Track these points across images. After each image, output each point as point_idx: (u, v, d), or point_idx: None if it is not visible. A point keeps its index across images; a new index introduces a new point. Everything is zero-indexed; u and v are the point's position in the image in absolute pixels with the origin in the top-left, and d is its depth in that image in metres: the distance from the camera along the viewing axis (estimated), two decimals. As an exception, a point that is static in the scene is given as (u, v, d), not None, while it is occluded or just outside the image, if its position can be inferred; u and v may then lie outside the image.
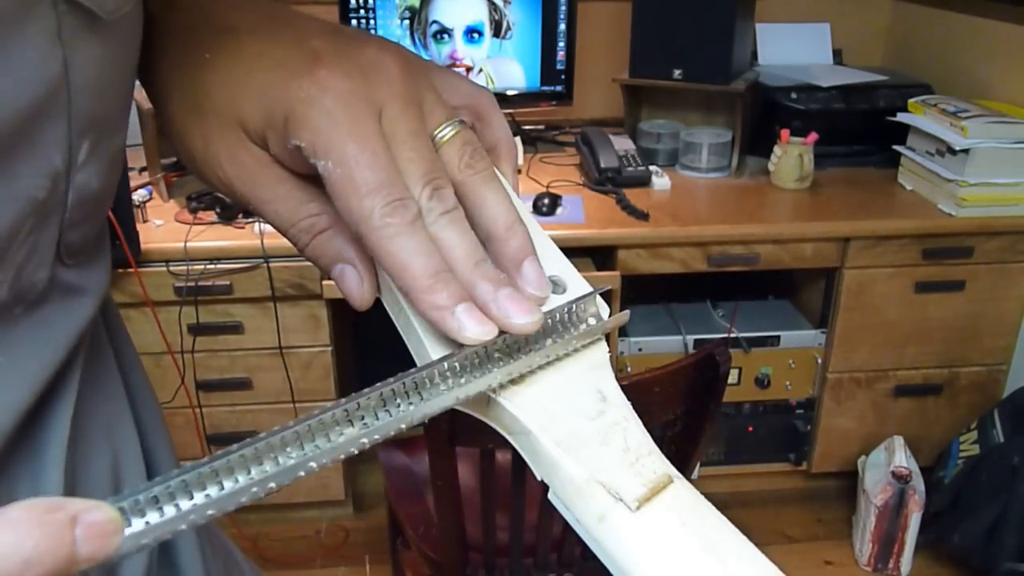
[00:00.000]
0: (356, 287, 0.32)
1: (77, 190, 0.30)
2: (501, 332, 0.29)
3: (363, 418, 0.27)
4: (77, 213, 0.30)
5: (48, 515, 0.20)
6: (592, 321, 0.32)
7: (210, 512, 0.23)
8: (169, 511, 0.22)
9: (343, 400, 0.26)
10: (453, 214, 0.30)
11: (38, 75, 0.26)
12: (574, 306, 0.31)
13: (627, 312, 0.34)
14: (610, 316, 0.33)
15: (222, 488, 0.24)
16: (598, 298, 0.33)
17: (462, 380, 0.29)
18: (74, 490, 0.33)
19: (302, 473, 0.25)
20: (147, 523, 0.22)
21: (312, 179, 0.33)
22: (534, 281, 0.31)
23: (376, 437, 0.27)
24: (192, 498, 0.23)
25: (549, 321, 0.31)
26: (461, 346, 0.30)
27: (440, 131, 0.32)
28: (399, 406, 0.27)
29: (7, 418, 0.28)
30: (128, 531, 0.21)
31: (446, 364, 0.29)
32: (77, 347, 0.33)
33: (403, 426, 0.28)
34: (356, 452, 0.27)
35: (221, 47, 0.33)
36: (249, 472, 0.24)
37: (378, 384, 0.27)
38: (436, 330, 0.31)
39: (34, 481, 0.31)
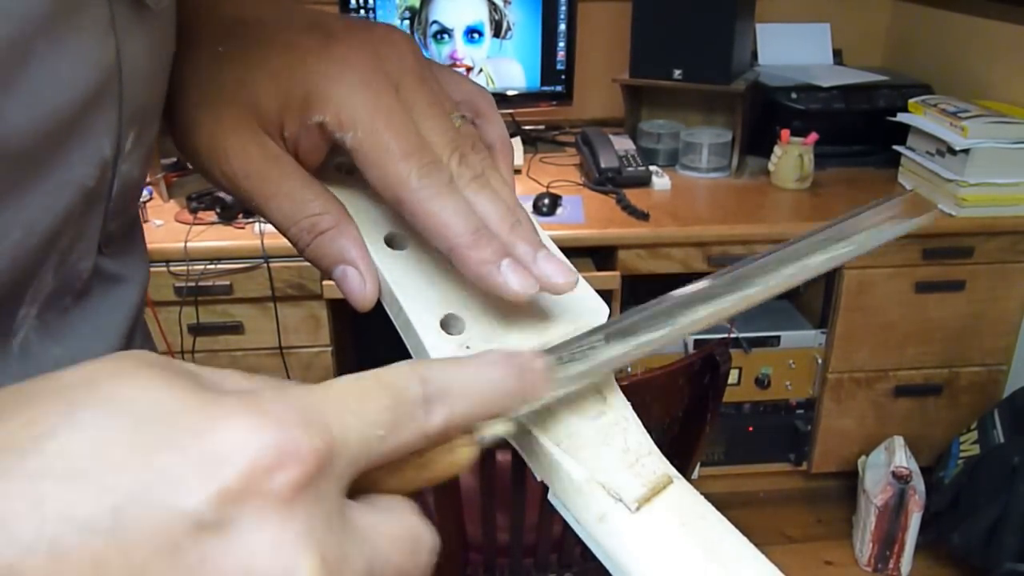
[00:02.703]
0: (358, 288, 0.32)
1: (122, 178, 0.30)
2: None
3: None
4: (119, 202, 0.31)
5: (512, 359, 0.25)
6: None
7: (611, 365, 0.29)
8: (586, 363, 0.28)
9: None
10: (482, 179, 0.31)
11: (94, 64, 0.26)
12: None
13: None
14: (608, 317, 0.33)
15: (633, 340, 0.29)
16: (597, 301, 0.34)
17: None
18: None
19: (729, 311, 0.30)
20: (571, 368, 0.27)
21: (315, 178, 0.33)
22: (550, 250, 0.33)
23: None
24: (600, 351, 0.28)
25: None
26: (461, 351, 0.30)
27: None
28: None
29: None
30: (560, 374, 0.27)
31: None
32: (129, 338, 0.33)
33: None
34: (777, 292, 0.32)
35: (233, 38, 0.33)
36: (641, 336, 0.29)
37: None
38: (436, 330, 0.31)
39: None
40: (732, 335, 1.89)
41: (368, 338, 2.10)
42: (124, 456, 0.17)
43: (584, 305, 0.33)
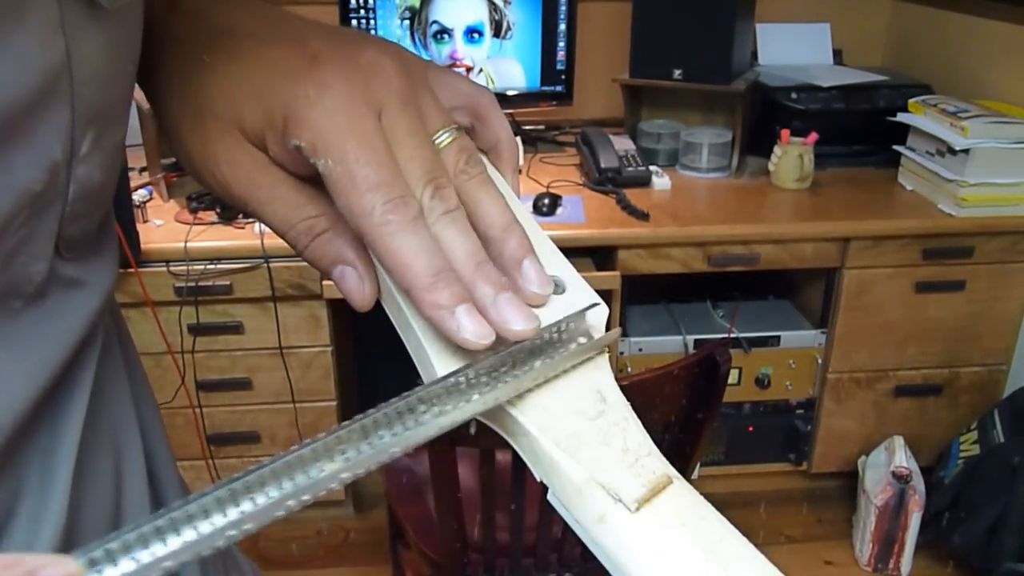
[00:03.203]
0: (357, 288, 0.32)
1: (79, 182, 0.30)
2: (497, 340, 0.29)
3: (344, 452, 0.26)
4: (78, 206, 0.30)
5: (4, 572, 0.19)
6: (583, 340, 0.31)
7: (184, 558, 0.22)
8: (143, 557, 0.22)
9: (320, 435, 0.25)
10: (455, 213, 0.30)
11: (38, 65, 0.26)
12: (564, 324, 0.31)
13: (618, 330, 0.33)
14: (609, 319, 0.33)
15: (197, 532, 0.23)
16: (598, 307, 0.33)
17: (447, 407, 0.28)
18: (80, 490, 0.33)
19: (280, 512, 0.24)
20: (122, 573, 0.21)
21: (310, 181, 0.33)
22: (535, 279, 0.31)
23: (359, 471, 0.26)
24: (166, 544, 0.22)
25: (537, 340, 0.30)
26: (460, 351, 0.30)
27: (437, 137, 0.32)
28: (381, 437, 0.26)
29: (9, 413, 0.28)
30: None
31: (423, 392, 0.28)
32: (85, 343, 0.33)
33: (384, 459, 0.26)
34: (336, 487, 0.25)
35: (219, 49, 0.33)
36: (225, 514, 0.23)
37: (358, 416, 0.26)
38: (435, 332, 0.31)
39: (42, 478, 0.31)
40: (732, 335, 1.89)
41: (368, 338, 2.10)
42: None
43: (585, 304, 0.33)
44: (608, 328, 0.32)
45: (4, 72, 0.25)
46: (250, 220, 1.70)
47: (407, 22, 2.03)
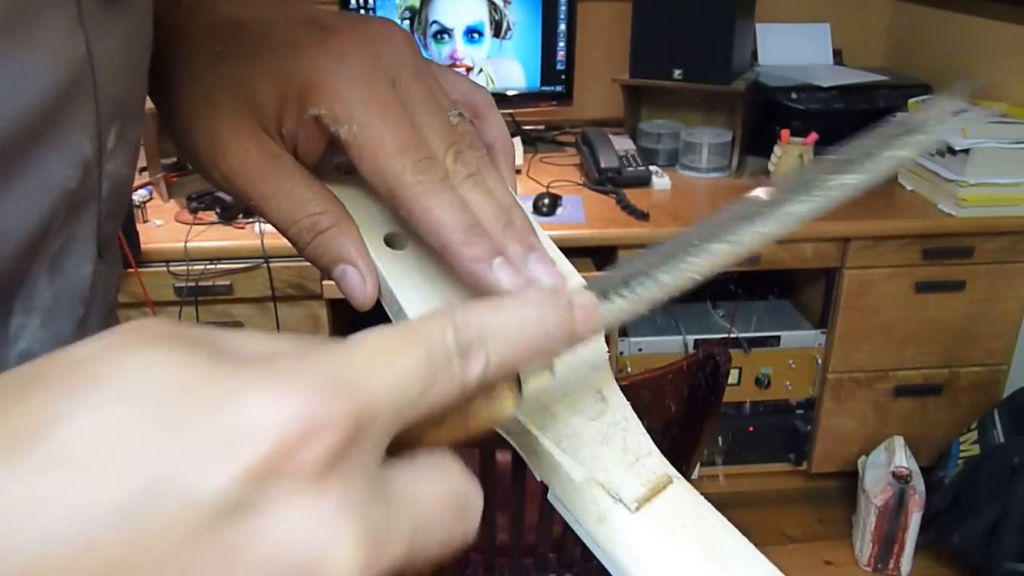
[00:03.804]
0: (359, 287, 0.32)
1: (110, 178, 0.30)
2: None
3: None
4: (112, 203, 0.30)
5: (554, 296, 0.24)
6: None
7: (659, 295, 0.28)
8: (632, 295, 0.27)
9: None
10: (477, 177, 0.31)
11: (62, 60, 0.26)
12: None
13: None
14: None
15: (671, 274, 0.28)
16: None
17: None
18: None
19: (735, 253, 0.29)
20: (615, 304, 0.27)
21: (315, 177, 0.33)
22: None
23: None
24: (645, 285, 0.27)
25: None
26: None
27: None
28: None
29: None
30: (603, 309, 0.26)
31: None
32: None
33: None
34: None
35: (228, 37, 0.33)
36: (687, 260, 0.28)
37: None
38: None
39: None
40: (732, 335, 1.89)
41: (368, 338, 2.10)
42: (140, 440, 0.16)
43: (574, 283, 0.33)
44: (607, 338, 0.33)
45: (30, 69, 0.25)
46: (250, 220, 1.70)
47: (407, 22, 2.03)
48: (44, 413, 0.16)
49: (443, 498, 0.21)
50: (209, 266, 1.66)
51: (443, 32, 2.04)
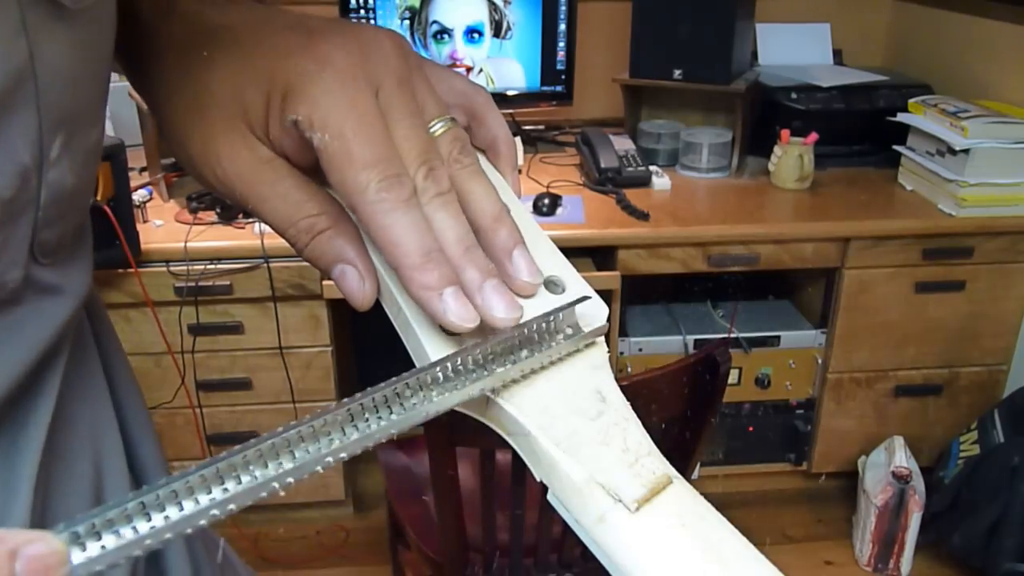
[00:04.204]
0: (358, 287, 0.32)
1: (50, 187, 0.29)
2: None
3: (330, 435, 0.26)
4: (52, 211, 0.30)
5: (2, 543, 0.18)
6: (569, 331, 0.31)
7: (167, 536, 0.22)
8: (126, 534, 0.22)
9: (306, 417, 0.25)
10: (447, 196, 0.30)
11: (1, 68, 0.25)
12: (554, 316, 0.31)
13: (604, 325, 0.32)
14: (609, 319, 0.33)
15: (181, 509, 0.23)
16: (596, 301, 0.33)
17: (432, 394, 0.28)
18: (48, 497, 0.33)
19: (264, 494, 0.24)
20: (103, 547, 0.21)
21: (311, 178, 0.33)
22: (524, 269, 0.31)
23: (343, 455, 0.26)
24: (150, 520, 0.22)
25: (526, 331, 0.30)
26: (456, 348, 0.30)
27: (432, 125, 0.32)
28: (367, 422, 0.26)
29: None
30: (83, 556, 0.21)
31: (411, 378, 0.27)
32: (54, 349, 0.32)
33: (369, 444, 0.26)
34: (320, 471, 0.25)
35: (219, 43, 0.33)
36: (209, 492, 0.23)
37: (345, 400, 0.26)
38: (434, 330, 0.31)
39: (5, 480, 0.30)
40: (732, 335, 1.89)
41: (368, 338, 2.10)
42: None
43: (585, 304, 0.33)
44: (608, 331, 0.32)
45: None
46: (250, 220, 1.70)
47: (407, 22, 2.03)
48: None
49: None
50: (209, 266, 1.66)
51: (443, 32, 2.04)
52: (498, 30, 2.05)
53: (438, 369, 0.28)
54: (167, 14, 0.36)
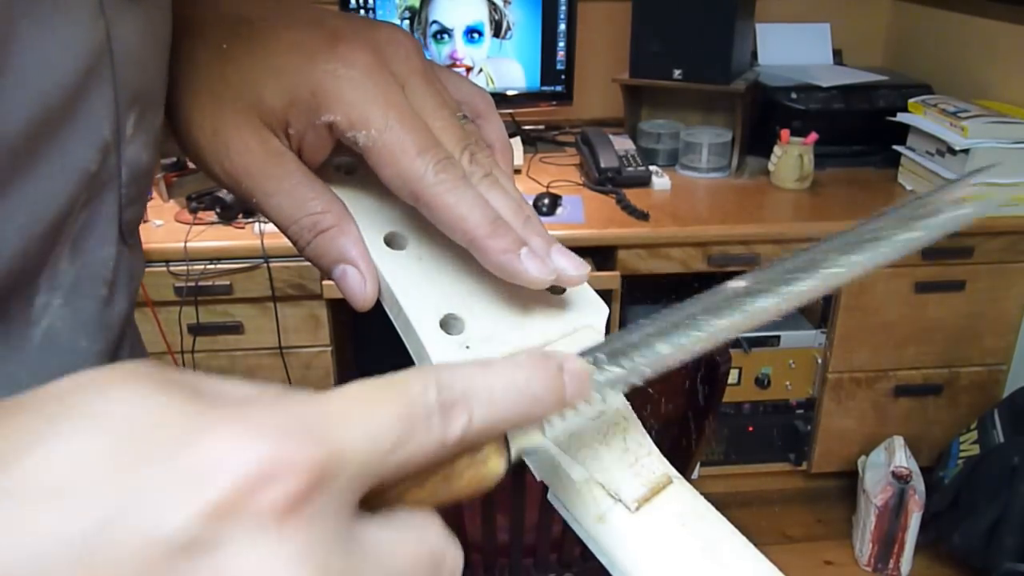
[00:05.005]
0: (359, 288, 0.32)
1: (129, 164, 0.30)
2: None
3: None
4: (132, 188, 0.31)
5: (545, 360, 0.23)
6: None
7: (656, 367, 0.27)
8: (627, 365, 0.27)
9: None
10: (492, 177, 0.32)
11: (82, 45, 0.26)
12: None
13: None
14: (609, 319, 0.33)
15: (669, 347, 0.27)
16: (596, 301, 0.34)
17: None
18: None
19: (766, 318, 0.29)
20: (610, 372, 0.26)
21: (317, 177, 0.33)
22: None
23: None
24: (642, 356, 0.27)
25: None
26: (460, 351, 0.30)
27: None
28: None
29: None
30: (602, 377, 0.26)
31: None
32: (122, 336, 0.33)
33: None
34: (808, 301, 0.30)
35: (237, 36, 0.33)
36: (698, 329, 0.28)
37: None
38: (435, 330, 0.31)
39: None
40: (732, 335, 1.89)
41: (368, 338, 2.10)
42: (105, 473, 0.16)
43: (585, 304, 0.33)
44: (608, 330, 0.33)
45: (52, 54, 0.25)
46: (250, 220, 1.70)
47: (407, 22, 2.03)
48: (16, 441, 0.16)
49: (417, 555, 0.20)
50: (209, 266, 1.66)
51: (443, 32, 2.04)
52: (498, 30, 2.05)
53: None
54: (181, 2, 0.36)
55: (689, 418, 1.15)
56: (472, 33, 2.05)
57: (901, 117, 1.89)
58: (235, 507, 0.16)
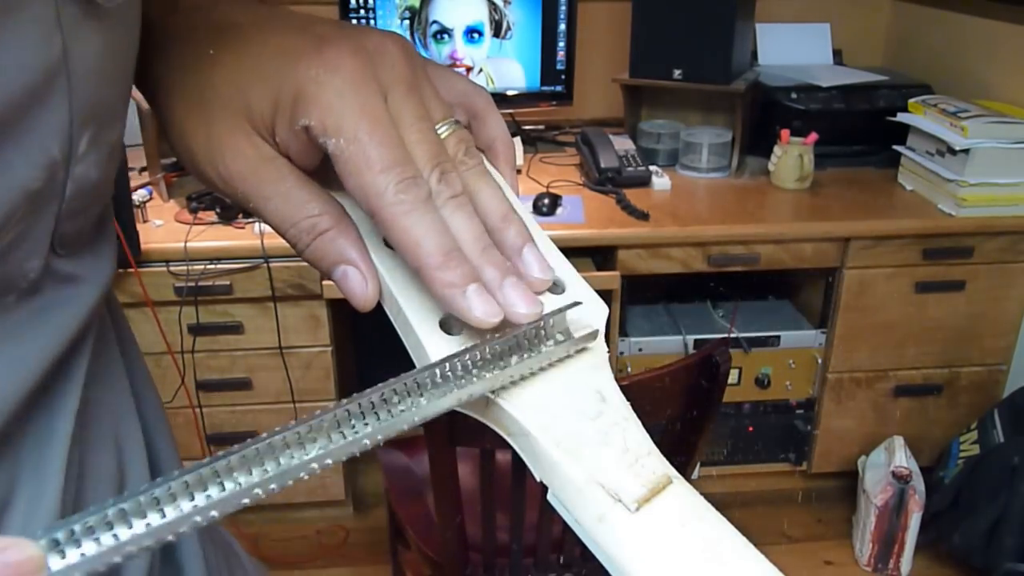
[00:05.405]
0: (360, 289, 0.32)
1: (76, 181, 0.30)
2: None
3: (316, 441, 0.26)
4: (75, 204, 0.30)
5: None
6: (560, 337, 0.31)
7: (148, 543, 0.22)
8: (107, 540, 0.21)
9: (291, 423, 0.25)
10: (461, 198, 0.31)
11: (35, 61, 0.26)
12: (544, 321, 0.31)
13: (595, 331, 0.32)
14: (609, 319, 0.33)
15: (163, 516, 0.22)
16: (596, 302, 0.33)
17: (422, 400, 0.28)
18: (81, 483, 0.33)
19: (246, 500, 0.24)
20: (82, 554, 0.21)
21: (314, 179, 0.33)
22: (535, 265, 0.32)
23: (328, 461, 0.26)
24: (131, 526, 0.22)
25: (515, 338, 0.30)
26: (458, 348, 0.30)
27: (438, 128, 0.33)
28: (354, 428, 0.26)
29: (2, 407, 0.28)
30: (61, 564, 0.20)
31: (397, 384, 0.27)
32: (79, 338, 0.33)
33: (355, 450, 0.26)
34: (305, 477, 0.25)
35: (225, 42, 0.33)
36: (192, 498, 0.23)
37: (331, 406, 0.26)
38: (435, 330, 0.31)
39: (37, 468, 0.31)
40: (732, 335, 1.89)
41: (368, 338, 2.10)
42: None
43: (585, 304, 0.33)
44: (608, 331, 0.33)
45: (5, 69, 0.25)
46: (250, 220, 1.70)
47: (407, 22, 2.03)
48: None
49: None
50: (209, 266, 1.66)
51: (443, 32, 2.04)
52: (498, 30, 2.05)
53: (427, 374, 0.28)
54: (171, 8, 0.36)
55: (689, 418, 1.15)
56: (472, 33, 2.05)
57: (901, 117, 1.89)
58: None
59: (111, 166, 0.33)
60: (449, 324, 0.32)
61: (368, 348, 2.14)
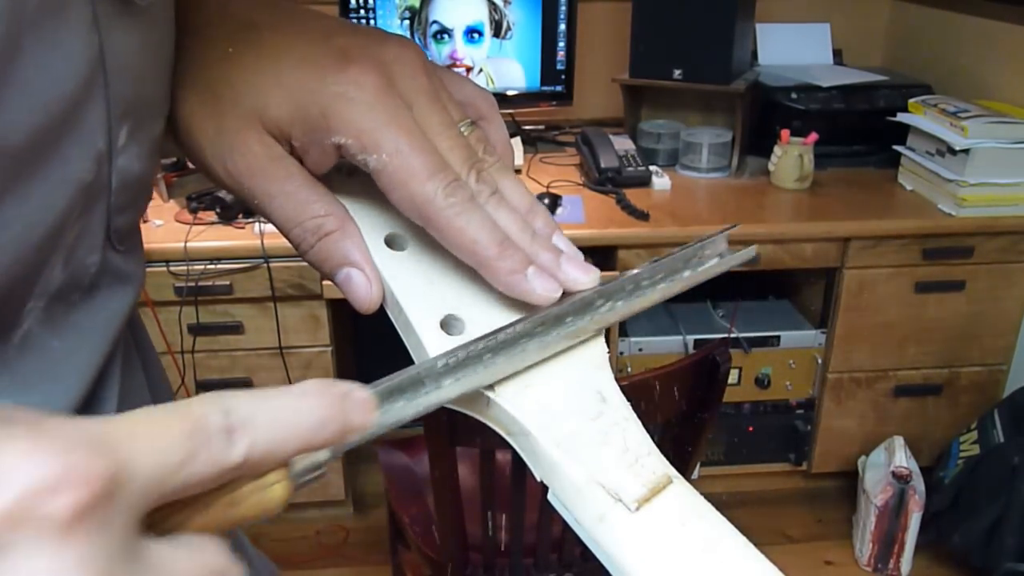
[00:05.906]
0: (364, 291, 0.33)
1: (119, 173, 0.31)
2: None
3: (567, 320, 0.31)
4: (122, 197, 0.31)
5: (329, 388, 0.24)
6: (720, 257, 0.37)
7: (434, 402, 0.28)
8: (415, 399, 0.27)
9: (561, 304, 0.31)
10: (499, 195, 0.33)
11: (80, 58, 0.27)
12: (707, 242, 0.36)
13: (753, 250, 0.39)
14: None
15: (455, 380, 0.28)
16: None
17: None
18: None
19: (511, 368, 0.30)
20: (397, 405, 0.27)
21: (319, 180, 0.33)
22: (567, 249, 0.34)
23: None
24: (432, 391, 0.28)
25: (681, 256, 0.35)
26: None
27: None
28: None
29: (65, 404, 0.29)
30: (384, 407, 0.26)
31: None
32: (120, 334, 0.34)
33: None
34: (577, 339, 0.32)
35: (244, 42, 0.33)
36: (475, 368, 0.28)
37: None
38: (435, 331, 0.31)
39: None
40: (732, 335, 1.89)
41: (368, 338, 2.10)
42: None
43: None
44: (608, 331, 0.33)
45: (53, 66, 0.25)
46: (250, 220, 1.70)
47: (407, 22, 2.03)
48: None
49: (198, 572, 0.20)
50: (209, 266, 1.66)
51: (443, 32, 2.04)
52: (498, 30, 2.05)
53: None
54: (187, 5, 0.36)
55: (689, 418, 1.15)
56: (472, 33, 2.05)
57: (901, 117, 1.89)
58: (21, 514, 0.17)
59: (153, 161, 0.34)
60: (449, 324, 0.32)
61: (368, 348, 2.14)
